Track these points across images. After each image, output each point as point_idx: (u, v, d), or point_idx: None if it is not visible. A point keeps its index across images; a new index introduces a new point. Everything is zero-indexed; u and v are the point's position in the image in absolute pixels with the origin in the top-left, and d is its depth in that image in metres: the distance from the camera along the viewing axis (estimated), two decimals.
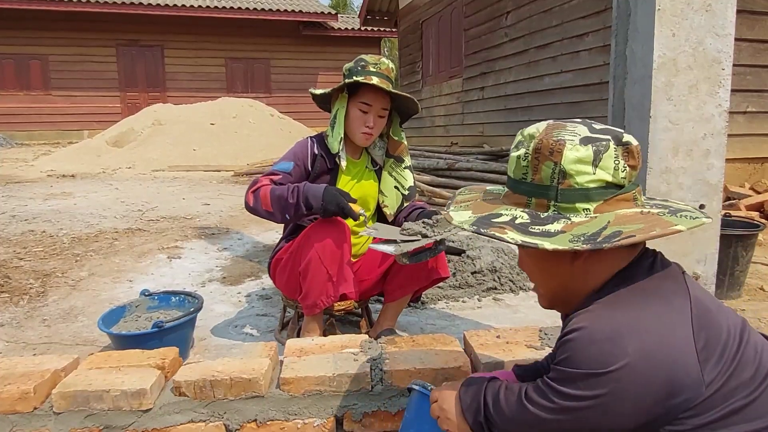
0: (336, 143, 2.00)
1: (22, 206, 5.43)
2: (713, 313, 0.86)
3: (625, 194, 0.88)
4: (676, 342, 0.80)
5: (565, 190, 0.87)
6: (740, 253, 2.63)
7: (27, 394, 1.27)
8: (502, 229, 0.88)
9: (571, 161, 0.86)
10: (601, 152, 0.86)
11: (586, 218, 0.87)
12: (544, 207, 0.90)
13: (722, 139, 1.56)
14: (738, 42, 4.65)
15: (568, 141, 0.87)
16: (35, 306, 2.65)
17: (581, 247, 0.82)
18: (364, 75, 1.95)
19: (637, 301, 0.84)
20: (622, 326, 0.80)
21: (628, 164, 0.87)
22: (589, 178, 0.86)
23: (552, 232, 0.86)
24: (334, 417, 1.36)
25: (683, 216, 0.87)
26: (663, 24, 1.49)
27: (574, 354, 0.82)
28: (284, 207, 1.84)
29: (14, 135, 14.98)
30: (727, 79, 1.53)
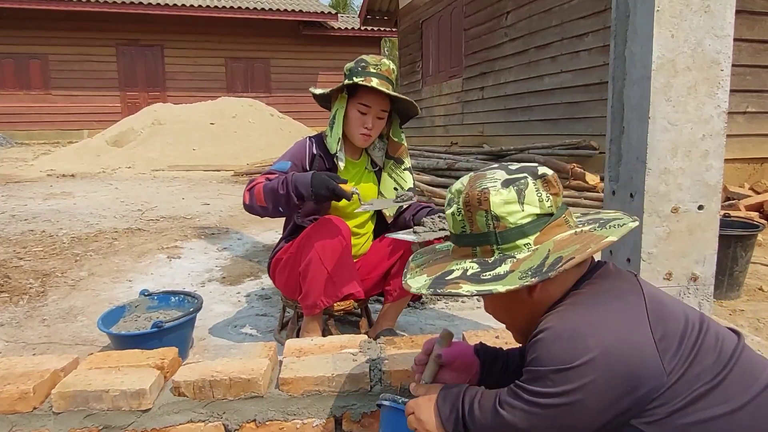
0: (334, 143, 2.00)
1: (22, 206, 5.43)
2: (669, 306, 0.92)
3: (557, 220, 0.96)
4: (634, 335, 0.85)
5: (502, 232, 0.95)
6: (739, 254, 2.63)
7: (26, 394, 1.28)
8: (457, 284, 0.95)
9: (499, 205, 0.94)
10: (522, 190, 0.94)
11: (528, 252, 0.94)
12: (489, 252, 0.97)
13: (721, 140, 1.56)
14: (738, 42, 4.68)
15: (491, 188, 0.95)
16: (35, 306, 2.65)
17: (531, 282, 0.88)
18: (364, 76, 1.94)
19: (595, 301, 0.91)
20: (582, 325, 0.86)
21: (550, 193, 0.95)
22: (520, 216, 0.94)
23: (502, 274, 0.92)
24: (333, 417, 1.36)
25: (612, 226, 0.96)
26: (662, 25, 1.49)
27: (540, 353, 0.86)
28: (276, 199, 1.83)
29: (14, 134, 14.98)
30: (726, 80, 1.53)
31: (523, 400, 0.88)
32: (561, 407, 0.85)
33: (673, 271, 1.61)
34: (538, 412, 0.86)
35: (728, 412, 0.85)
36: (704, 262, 1.62)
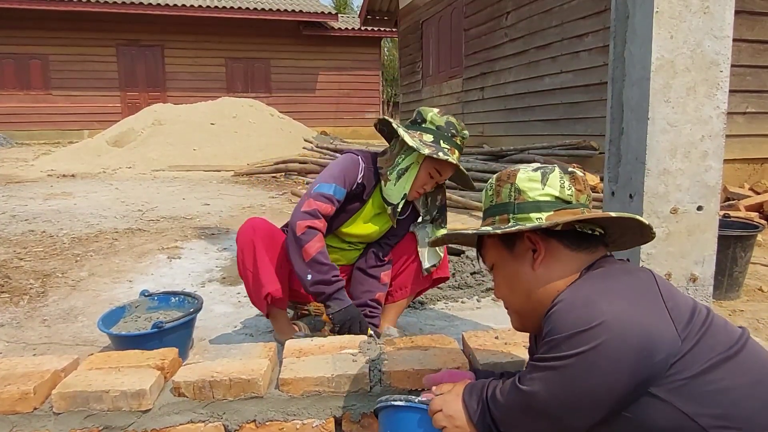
0: (397, 197, 1.92)
1: (23, 206, 5.44)
2: (678, 294, 0.95)
3: (573, 209, 1.02)
4: (647, 303, 0.88)
5: (520, 204, 1.04)
6: (739, 254, 2.63)
7: (27, 395, 1.28)
8: (465, 230, 1.11)
9: (523, 180, 1.04)
10: (547, 173, 1.04)
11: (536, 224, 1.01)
12: (505, 221, 1.05)
13: (720, 141, 1.56)
14: (738, 42, 4.68)
15: (521, 168, 1.07)
16: (35, 306, 2.65)
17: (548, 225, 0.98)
18: (450, 145, 1.87)
19: (607, 275, 0.96)
20: (595, 292, 0.90)
21: (574, 187, 1.03)
22: (539, 193, 1.03)
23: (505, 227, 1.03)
24: (333, 418, 1.36)
25: None
26: (661, 26, 1.49)
27: (555, 323, 0.89)
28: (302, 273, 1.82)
29: (14, 135, 15.00)
30: (726, 81, 1.54)
31: (540, 369, 0.90)
32: (575, 368, 0.85)
33: (673, 271, 1.61)
34: (555, 378, 0.87)
35: (748, 383, 0.85)
36: (703, 263, 1.62)
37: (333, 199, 1.87)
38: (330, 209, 1.87)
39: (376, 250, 2.08)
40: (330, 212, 1.88)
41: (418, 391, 1.38)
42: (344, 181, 1.90)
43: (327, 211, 1.86)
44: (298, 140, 10.77)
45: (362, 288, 2.04)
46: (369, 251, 2.09)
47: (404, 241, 2.08)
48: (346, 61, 18.30)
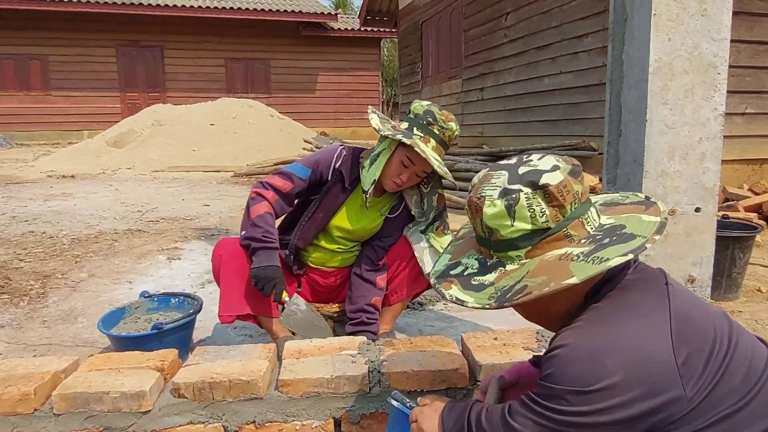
0: (368, 183, 1.92)
1: (22, 207, 5.44)
2: (696, 321, 0.87)
3: (555, 234, 0.91)
4: (656, 359, 0.82)
5: (495, 242, 0.94)
6: (738, 255, 2.64)
7: (27, 396, 1.28)
8: (449, 284, 0.97)
9: (491, 218, 0.92)
10: (512, 206, 0.90)
11: (517, 266, 0.92)
12: (489, 254, 0.97)
13: (718, 143, 1.57)
14: (737, 43, 4.69)
15: (486, 198, 0.93)
16: (35, 307, 2.65)
17: (491, 306, 0.89)
18: (424, 133, 1.84)
19: (615, 319, 0.87)
20: (602, 344, 0.83)
21: (550, 205, 0.89)
22: (511, 230, 0.91)
23: (485, 284, 0.93)
24: (332, 419, 1.37)
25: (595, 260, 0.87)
26: (659, 28, 1.50)
27: (558, 370, 0.84)
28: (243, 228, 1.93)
29: (14, 135, 15.00)
30: (723, 83, 1.54)
31: (535, 413, 0.86)
32: (575, 427, 0.83)
33: (671, 273, 1.61)
34: (549, 427, 0.85)
35: None
36: (701, 264, 1.63)
37: (292, 176, 1.94)
38: (285, 185, 1.93)
39: (370, 254, 2.07)
40: (285, 187, 1.93)
41: (416, 392, 1.39)
42: (313, 163, 1.96)
43: (280, 185, 1.93)
44: (297, 141, 10.78)
45: (358, 293, 2.04)
46: (363, 255, 2.08)
47: (399, 244, 2.06)
48: (346, 61, 18.30)
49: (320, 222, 2.00)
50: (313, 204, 1.98)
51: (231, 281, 1.90)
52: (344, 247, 2.09)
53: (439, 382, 1.39)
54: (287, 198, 1.96)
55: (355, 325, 2.00)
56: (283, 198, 1.95)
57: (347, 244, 2.09)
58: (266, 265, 1.85)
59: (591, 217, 0.94)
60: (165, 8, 15.40)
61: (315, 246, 2.07)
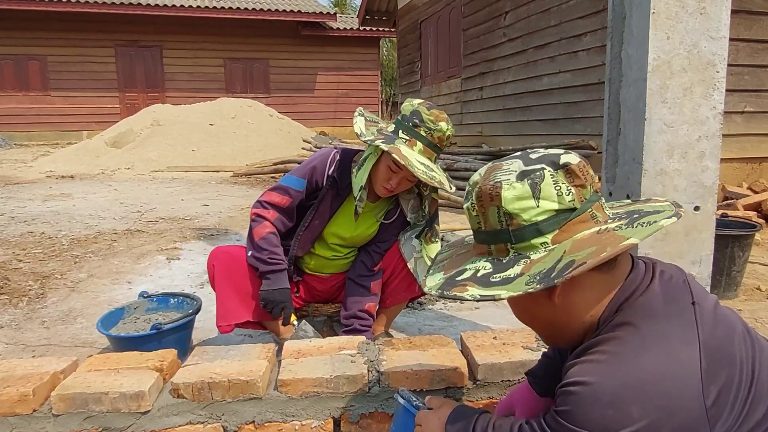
0: (356, 189, 1.87)
1: (21, 207, 5.44)
2: (725, 350, 0.81)
3: (581, 215, 0.85)
4: (685, 405, 0.76)
5: (516, 230, 0.85)
6: (737, 254, 2.64)
7: (26, 397, 1.28)
8: (464, 287, 0.87)
9: (511, 201, 0.84)
10: (537, 184, 0.84)
11: (544, 252, 0.84)
12: (503, 251, 0.88)
13: (717, 142, 1.57)
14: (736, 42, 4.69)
15: (503, 182, 0.86)
16: (34, 308, 2.65)
17: (536, 288, 0.80)
18: (410, 135, 1.75)
19: (644, 356, 0.79)
20: (627, 387, 0.76)
21: (573, 185, 0.84)
22: (535, 212, 0.84)
23: (512, 276, 0.84)
24: (331, 418, 1.37)
25: (642, 224, 0.84)
26: (658, 27, 1.49)
27: (576, 411, 0.78)
28: (249, 252, 1.91)
29: (13, 136, 14.99)
30: (722, 81, 1.54)
31: None
32: None
33: None
34: None
35: None
36: (701, 263, 1.62)
37: (289, 190, 1.91)
38: (283, 200, 1.91)
39: (365, 259, 2.04)
40: (283, 203, 1.91)
41: (417, 391, 1.39)
42: (308, 173, 1.92)
43: (278, 201, 1.91)
44: (297, 140, 10.77)
45: (352, 299, 2.02)
46: (358, 260, 2.07)
47: (394, 249, 2.03)
48: (345, 61, 18.30)
49: (317, 229, 1.98)
50: (310, 212, 1.95)
51: (225, 291, 1.91)
52: (339, 254, 2.07)
53: (439, 382, 1.39)
54: (288, 213, 1.94)
55: (348, 332, 1.99)
56: (284, 214, 1.93)
57: (343, 250, 2.07)
58: (275, 288, 1.86)
59: (605, 204, 0.90)
60: (164, 8, 15.39)
61: (311, 254, 2.06)
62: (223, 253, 1.95)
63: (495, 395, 1.42)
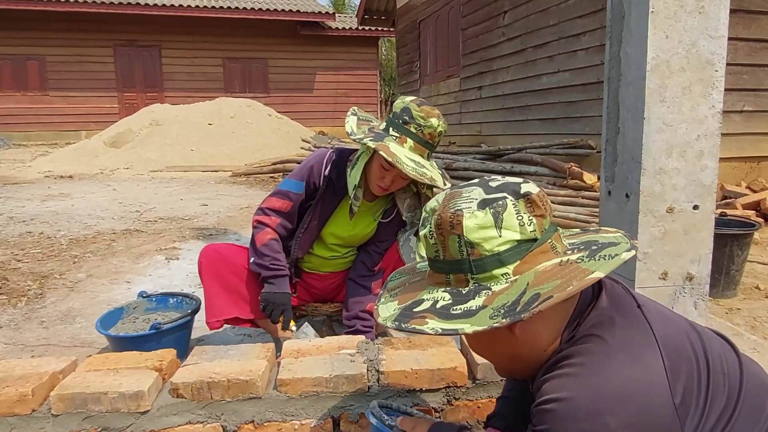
0: (351, 187, 1.86)
1: (20, 207, 5.43)
2: (678, 344, 0.84)
3: (542, 246, 0.83)
4: (656, 408, 0.78)
5: (477, 261, 0.83)
6: (736, 252, 2.64)
7: (25, 397, 1.28)
8: (423, 319, 0.84)
9: (473, 230, 0.82)
10: (500, 213, 0.82)
11: (506, 284, 0.82)
12: (463, 282, 0.85)
13: (716, 141, 1.57)
14: (734, 41, 4.70)
15: (465, 210, 0.83)
16: (33, 308, 2.65)
17: (501, 323, 0.77)
18: (400, 133, 1.74)
19: (612, 365, 0.79)
20: (600, 400, 0.77)
21: (533, 215, 0.83)
22: (497, 242, 0.82)
23: (473, 309, 0.81)
24: (331, 418, 1.37)
25: (603, 257, 0.83)
26: (656, 26, 1.49)
27: (554, 428, 0.78)
28: (251, 258, 1.92)
29: (12, 136, 14.97)
30: (721, 80, 1.54)
31: None
32: None
33: (669, 270, 1.62)
34: None
35: None
36: (699, 262, 1.62)
37: (289, 194, 1.92)
38: (284, 205, 1.92)
39: (365, 259, 2.05)
40: (284, 207, 1.92)
41: (415, 391, 1.39)
42: (305, 174, 1.92)
43: (279, 206, 1.93)
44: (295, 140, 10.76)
45: (353, 299, 2.02)
46: (358, 261, 2.07)
47: (393, 249, 2.03)
48: (344, 60, 18.29)
49: (315, 230, 1.99)
50: (308, 213, 1.96)
51: (212, 287, 1.92)
52: (338, 253, 2.07)
53: (438, 381, 1.39)
54: (289, 217, 1.95)
55: (351, 333, 1.99)
56: (285, 218, 1.94)
57: (341, 250, 2.07)
58: (276, 292, 1.86)
59: (561, 236, 0.89)
60: (162, 8, 15.37)
61: (310, 253, 2.06)
62: (213, 251, 1.96)
63: (494, 394, 1.42)
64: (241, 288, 1.94)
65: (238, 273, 1.94)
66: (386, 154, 1.68)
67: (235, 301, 1.93)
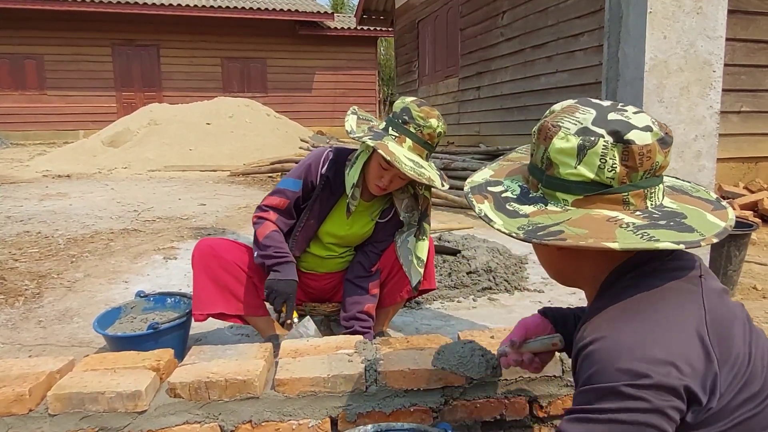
0: (349, 186, 1.88)
1: (18, 207, 5.42)
2: (724, 323, 0.83)
3: (612, 195, 0.84)
4: (695, 352, 0.78)
5: (549, 177, 0.87)
6: (733, 253, 2.65)
7: (22, 396, 1.28)
8: (483, 198, 0.93)
9: (556, 151, 0.85)
10: (586, 147, 0.82)
11: (559, 209, 0.86)
12: (534, 186, 0.91)
13: (713, 141, 1.57)
14: (732, 42, 4.70)
15: (563, 128, 0.85)
16: (31, 307, 2.65)
17: (518, 236, 0.84)
18: (399, 132, 1.75)
19: (650, 308, 0.81)
20: (645, 337, 0.78)
21: (624, 164, 0.81)
22: (571, 172, 0.84)
23: (519, 214, 0.88)
24: (328, 418, 1.37)
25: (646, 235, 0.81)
26: (654, 26, 1.50)
27: (601, 367, 0.77)
28: (255, 252, 1.93)
29: (9, 135, 14.94)
30: (718, 81, 1.55)
31: (597, 422, 0.76)
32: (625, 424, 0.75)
33: None
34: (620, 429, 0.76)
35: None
36: None
37: (286, 192, 1.94)
38: (282, 202, 1.94)
39: (363, 260, 2.04)
40: (282, 204, 1.94)
41: (414, 390, 1.39)
42: (303, 173, 1.93)
43: (277, 204, 1.94)
44: (294, 140, 10.76)
45: (351, 300, 2.02)
46: (356, 261, 2.07)
47: (390, 250, 2.03)
48: (343, 60, 18.28)
49: (312, 228, 1.99)
50: (305, 212, 1.96)
51: (201, 280, 1.92)
52: (335, 253, 2.07)
53: (436, 381, 1.39)
54: (287, 213, 1.96)
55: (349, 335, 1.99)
56: (284, 214, 1.95)
57: (338, 250, 2.07)
58: (282, 279, 1.85)
59: (656, 194, 0.87)
60: (161, 7, 15.35)
61: (306, 252, 2.06)
62: (206, 245, 1.97)
63: (492, 394, 1.42)
64: (231, 283, 1.94)
65: (229, 269, 1.94)
66: (385, 152, 1.68)
67: (224, 296, 1.93)
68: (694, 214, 0.88)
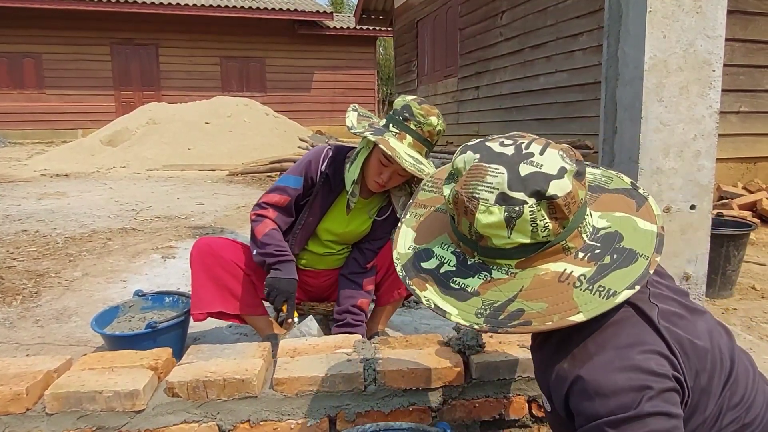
0: (349, 183, 1.90)
1: (16, 206, 5.41)
2: (689, 340, 0.86)
3: (554, 247, 0.82)
4: (663, 350, 0.82)
5: (484, 248, 0.83)
6: (732, 253, 2.65)
7: (19, 395, 1.27)
8: (423, 282, 0.87)
9: (483, 226, 0.80)
10: (513, 218, 0.79)
11: (506, 275, 0.83)
12: (470, 253, 0.87)
13: (713, 140, 1.57)
14: (731, 42, 4.70)
15: (482, 201, 0.80)
16: (28, 306, 2.64)
17: (480, 326, 0.80)
18: (399, 129, 1.77)
19: (616, 335, 0.84)
20: (627, 353, 0.80)
21: (553, 218, 0.79)
22: (504, 242, 0.81)
23: (468, 291, 0.84)
24: (327, 417, 1.36)
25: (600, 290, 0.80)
26: (654, 26, 1.49)
27: (583, 409, 0.80)
28: (255, 247, 1.91)
29: (7, 134, 14.90)
30: (718, 80, 1.54)
31: None
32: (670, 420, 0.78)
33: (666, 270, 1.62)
34: None
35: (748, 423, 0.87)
36: (696, 262, 1.63)
37: (286, 189, 1.93)
38: (282, 199, 1.93)
39: (358, 257, 2.05)
40: (282, 201, 1.93)
41: (413, 390, 1.38)
42: (303, 169, 1.93)
43: (276, 201, 1.94)
44: (293, 139, 10.75)
45: (345, 294, 2.02)
46: (351, 258, 2.07)
47: (387, 248, 2.03)
48: (342, 60, 18.27)
49: (311, 226, 1.99)
50: (305, 210, 1.96)
51: (199, 279, 1.91)
52: (332, 250, 2.07)
53: (434, 380, 1.39)
54: (287, 211, 1.95)
55: (341, 326, 1.99)
56: (283, 212, 1.95)
57: (335, 247, 2.07)
58: (282, 277, 1.85)
59: (587, 222, 0.86)
60: (160, 6, 15.33)
61: (304, 250, 2.06)
62: (205, 243, 1.96)
63: (491, 394, 1.42)
64: (229, 282, 1.94)
65: (228, 267, 1.93)
66: (386, 147, 1.69)
67: (222, 295, 1.92)
68: (626, 228, 0.87)
